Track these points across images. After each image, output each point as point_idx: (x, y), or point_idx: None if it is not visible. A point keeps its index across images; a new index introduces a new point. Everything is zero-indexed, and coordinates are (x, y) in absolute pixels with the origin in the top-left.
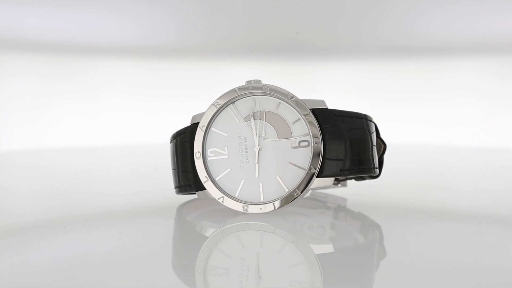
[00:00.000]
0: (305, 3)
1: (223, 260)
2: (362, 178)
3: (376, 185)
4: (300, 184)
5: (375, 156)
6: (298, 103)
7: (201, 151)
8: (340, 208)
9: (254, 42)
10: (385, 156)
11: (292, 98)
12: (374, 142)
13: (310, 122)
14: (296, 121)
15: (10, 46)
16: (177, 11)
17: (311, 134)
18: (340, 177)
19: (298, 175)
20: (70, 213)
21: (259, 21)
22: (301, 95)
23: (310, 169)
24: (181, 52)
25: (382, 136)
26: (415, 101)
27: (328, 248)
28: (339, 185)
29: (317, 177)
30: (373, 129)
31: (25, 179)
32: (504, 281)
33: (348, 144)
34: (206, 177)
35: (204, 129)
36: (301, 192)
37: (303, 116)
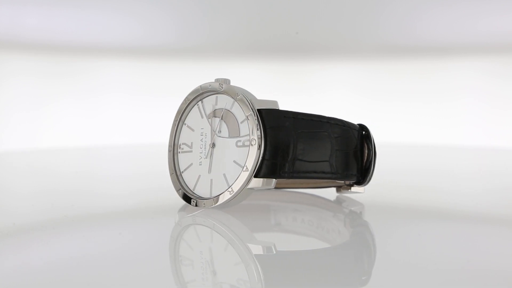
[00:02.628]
0: (305, 3)
1: (188, 251)
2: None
3: (399, 187)
4: (236, 182)
5: (342, 162)
6: (243, 103)
7: (172, 145)
8: (350, 214)
9: (254, 42)
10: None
11: (238, 97)
12: (351, 148)
13: (252, 122)
14: (244, 120)
15: (10, 46)
16: (177, 11)
17: (250, 133)
18: (279, 178)
19: (238, 174)
20: (70, 213)
21: (259, 21)
22: (300, 95)
23: (245, 168)
24: (181, 52)
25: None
26: (415, 101)
27: (271, 250)
28: (351, 189)
29: (255, 177)
30: (346, 134)
31: (25, 179)
32: (503, 281)
33: (297, 146)
34: (172, 169)
35: (176, 123)
36: (236, 191)
37: (246, 116)
